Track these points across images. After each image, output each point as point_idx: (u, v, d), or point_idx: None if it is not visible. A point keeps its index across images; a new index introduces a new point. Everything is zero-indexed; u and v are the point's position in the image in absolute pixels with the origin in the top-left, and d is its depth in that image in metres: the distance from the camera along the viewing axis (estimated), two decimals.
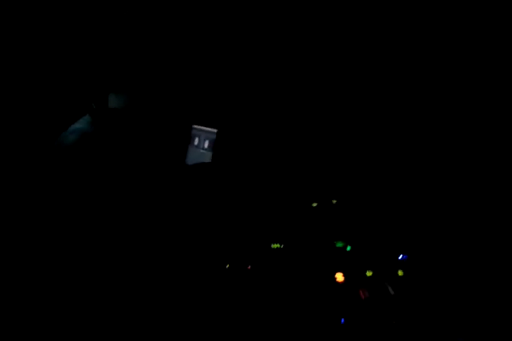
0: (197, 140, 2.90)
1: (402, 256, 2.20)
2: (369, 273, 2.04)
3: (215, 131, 2.85)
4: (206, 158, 2.83)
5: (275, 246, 2.25)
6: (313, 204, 2.47)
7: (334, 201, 2.50)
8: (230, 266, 2.14)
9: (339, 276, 2.06)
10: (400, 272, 2.01)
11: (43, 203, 1.29)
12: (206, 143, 2.86)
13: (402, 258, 2.20)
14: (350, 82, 2.60)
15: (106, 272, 1.25)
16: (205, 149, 2.86)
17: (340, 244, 2.26)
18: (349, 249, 2.23)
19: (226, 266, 2.14)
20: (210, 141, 2.85)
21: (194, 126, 2.91)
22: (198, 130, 2.90)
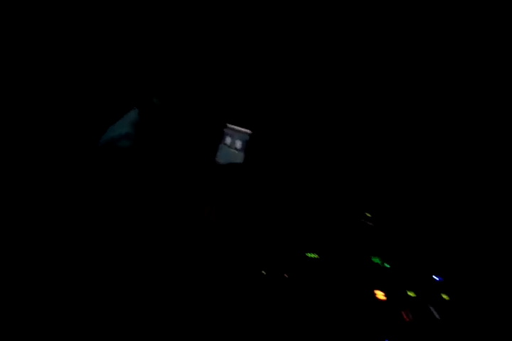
0: (229, 139, 2.80)
1: (439, 278, 2.13)
2: (412, 294, 1.95)
3: (249, 132, 2.77)
4: (238, 158, 2.73)
5: (311, 256, 2.15)
6: (368, 214, 2.40)
7: (369, 214, 2.43)
8: (266, 273, 2.03)
9: (379, 294, 1.96)
10: (445, 296, 1.92)
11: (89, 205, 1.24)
12: (239, 144, 2.76)
13: (438, 280, 2.13)
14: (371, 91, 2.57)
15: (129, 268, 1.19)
16: (237, 149, 2.76)
17: (377, 260, 2.17)
18: (388, 266, 2.15)
19: (263, 272, 2.03)
20: (242, 142, 2.76)
21: (228, 126, 2.82)
22: (231, 130, 2.80)
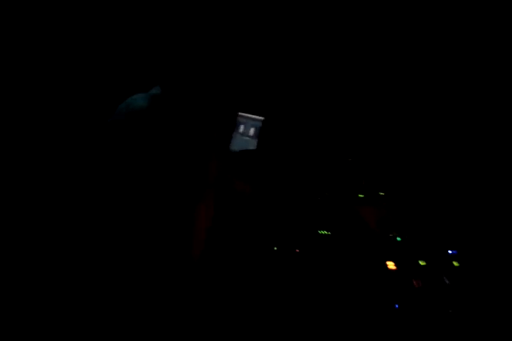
0: (242, 127, 2.89)
1: (452, 252, 2.16)
2: (422, 263, 1.99)
3: (261, 118, 2.85)
4: (251, 145, 2.82)
5: (323, 233, 2.22)
6: (360, 195, 2.44)
7: (382, 193, 2.47)
8: (277, 248, 2.12)
9: (390, 264, 2.02)
10: (456, 263, 1.96)
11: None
12: (251, 131, 2.85)
13: (452, 252, 2.15)
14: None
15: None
16: (250, 136, 2.85)
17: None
18: (399, 239, 2.19)
19: (274, 248, 2.12)
20: (255, 129, 2.84)
21: (240, 114, 2.91)
22: (243, 117, 2.89)
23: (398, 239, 2.20)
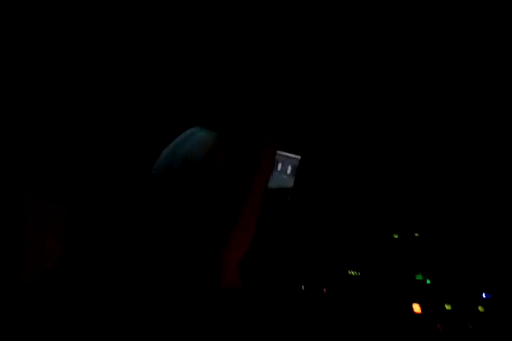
0: (280, 165, 3.06)
1: (486, 295, 2.18)
2: (448, 307, 2.04)
3: (298, 157, 3.00)
4: (288, 183, 2.97)
5: (353, 273, 2.32)
6: (395, 236, 2.51)
7: (416, 234, 2.52)
8: (305, 287, 2.24)
9: (416, 307, 2.08)
10: (481, 308, 1.99)
11: None
12: (289, 169, 3.01)
13: (486, 297, 2.17)
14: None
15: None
16: (287, 175, 3.00)
17: (420, 277, 2.28)
18: (429, 282, 2.25)
19: (302, 287, 2.24)
20: (292, 167, 3.00)
21: (278, 152, 3.07)
22: (281, 156, 3.06)
23: (428, 281, 2.26)
